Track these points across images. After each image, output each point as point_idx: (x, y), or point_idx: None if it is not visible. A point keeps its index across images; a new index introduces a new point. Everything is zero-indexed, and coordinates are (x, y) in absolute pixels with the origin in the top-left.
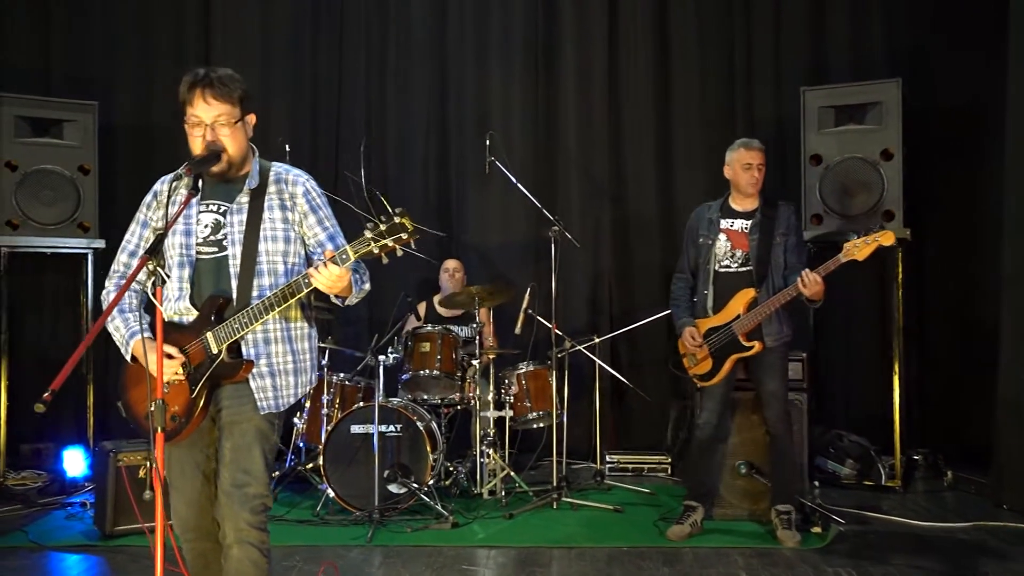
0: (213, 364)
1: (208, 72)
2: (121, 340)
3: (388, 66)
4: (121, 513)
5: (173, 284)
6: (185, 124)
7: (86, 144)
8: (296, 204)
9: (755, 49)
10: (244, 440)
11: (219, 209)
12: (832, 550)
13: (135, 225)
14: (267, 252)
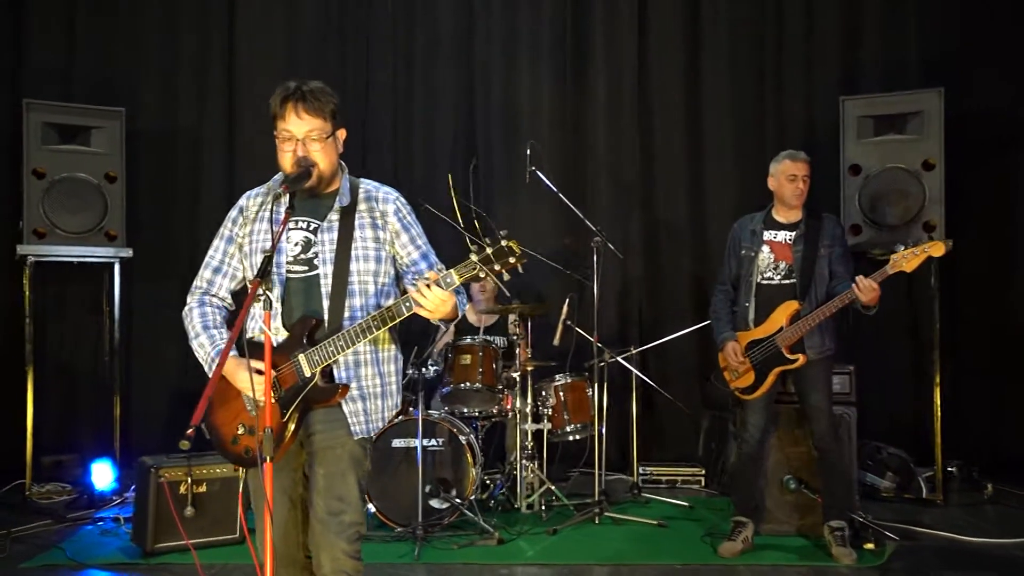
0: (306, 387)
1: (300, 85)
2: (206, 358)
3: (415, 72)
4: (162, 530)
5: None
6: (276, 138)
7: (113, 151)
8: (387, 223)
9: (786, 56)
10: (338, 467)
11: (308, 226)
12: (890, 568)
13: (219, 241)
14: (358, 272)
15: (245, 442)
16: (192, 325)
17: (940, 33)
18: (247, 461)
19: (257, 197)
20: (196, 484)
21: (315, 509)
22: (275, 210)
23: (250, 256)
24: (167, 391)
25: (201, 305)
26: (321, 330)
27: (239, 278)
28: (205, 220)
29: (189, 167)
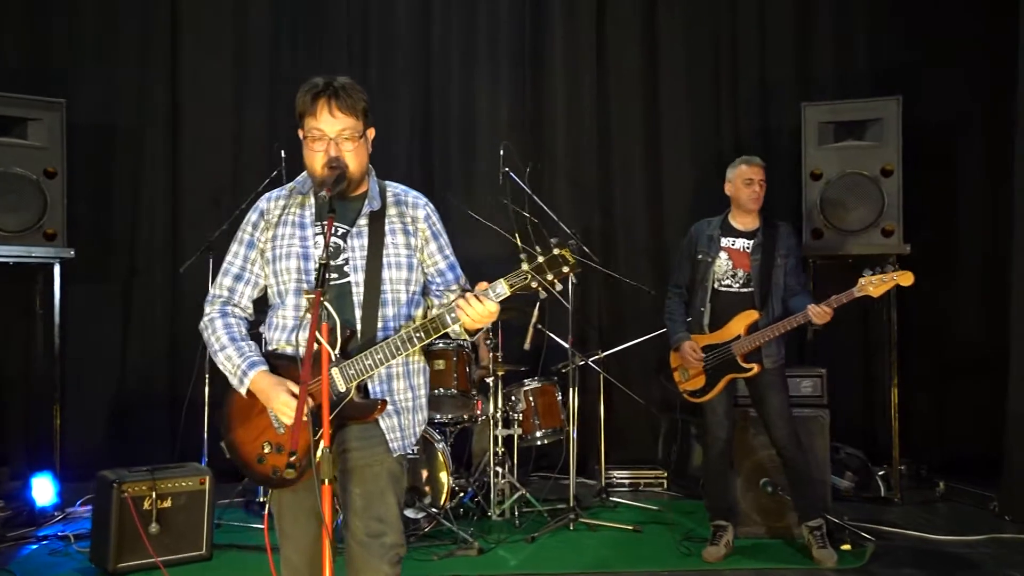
0: (341, 403)
1: (331, 82)
2: (234, 371)
3: (370, 69)
4: (125, 548)
5: (288, 312)
6: (304, 138)
7: (52, 145)
8: (418, 229)
9: (741, 62)
10: (377, 485)
11: (337, 232)
12: (871, 569)
13: (239, 246)
14: (391, 280)
15: (272, 461)
16: (216, 337)
17: (887, 42)
18: (275, 481)
19: (279, 200)
20: (160, 499)
21: (353, 531)
22: (300, 214)
23: (273, 263)
24: (103, 401)
25: (224, 315)
26: (354, 342)
27: (261, 286)
28: (144, 219)
29: (126, 162)
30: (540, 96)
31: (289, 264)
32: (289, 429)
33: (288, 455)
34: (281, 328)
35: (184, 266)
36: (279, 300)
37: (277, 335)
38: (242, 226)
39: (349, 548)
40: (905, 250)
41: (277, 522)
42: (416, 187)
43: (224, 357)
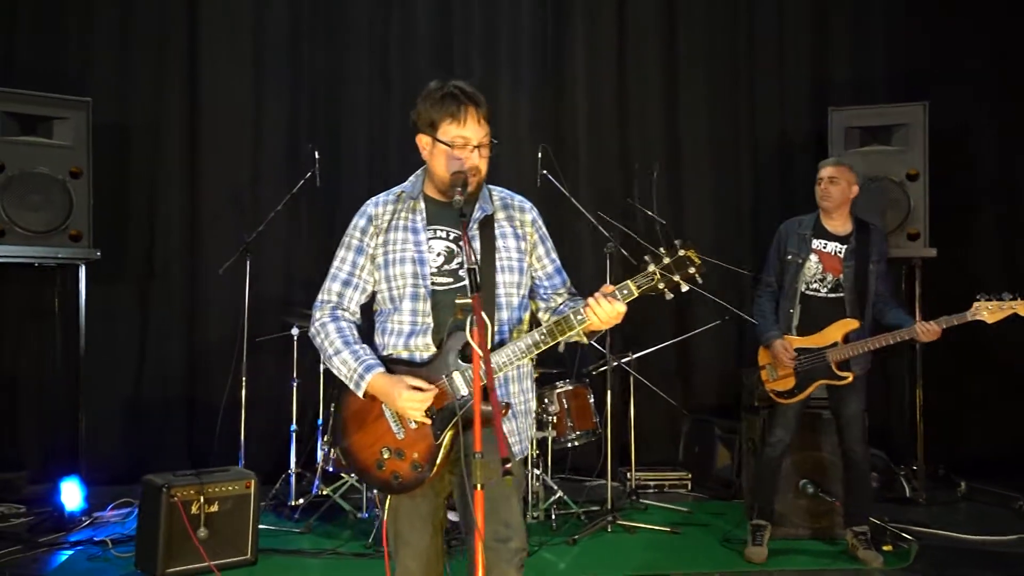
0: (464, 407)
1: (464, 87)
2: (350, 374)
3: (391, 68)
4: (174, 554)
5: (405, 317)
6: (440, 143)
7: (78, 145)
8: (527, 232)
9: (760, 69)
10: (502, 490)
11: (449, 236)
12: (918, 569)
13: (347, 252)
14: (504, 284)
15: (392, 467)
16: (330, 341)
17: (907, 50)
18: (395, 487)
19: (387, 205)
20: (208, 503)
21: (487, 531)
22: (412, 219)
23: (385, 268)
24: (120, 404)
25: (335, 320)
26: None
27: (368, 291)
28: (163, 220)
29: (142, 162)
30: (561, 98)
31: (404, 269)
32: (411, 434)
33: (410, 457)
34: (397, 333)
35: (224, 268)
36: (391, 305)
37: (393, 340)
38: (349, 231)
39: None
40: (931, 253)
41: (392, 527)
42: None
43: (339, 361)
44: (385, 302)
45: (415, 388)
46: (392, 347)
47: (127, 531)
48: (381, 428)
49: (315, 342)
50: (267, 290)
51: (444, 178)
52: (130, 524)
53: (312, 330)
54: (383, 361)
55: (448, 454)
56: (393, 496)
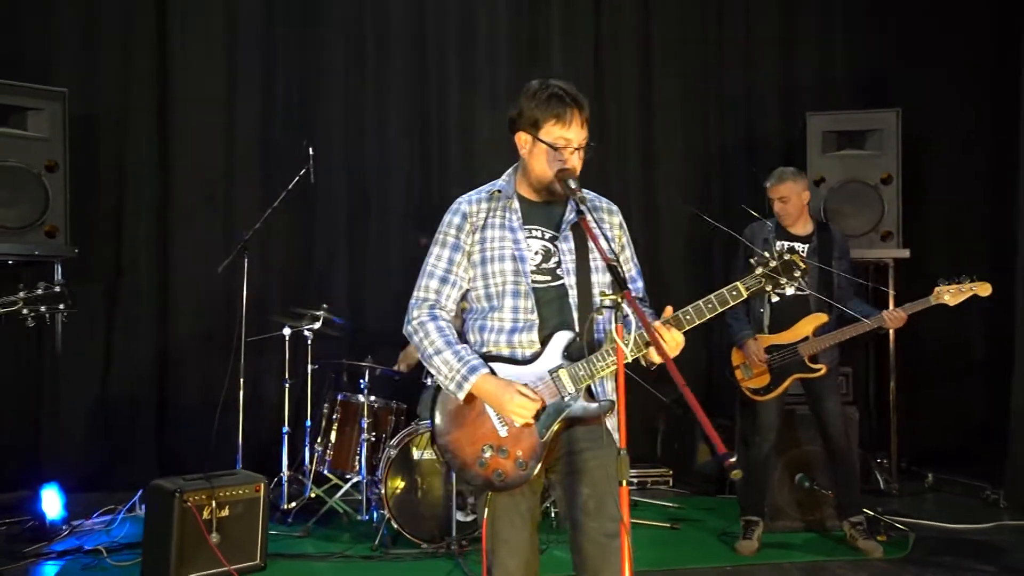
0: (571, 405)
1: (568, 89)
2: (452, 375)
3: (367, 60)
4: (187, 560)
5: (506, 314)
6: (537, 141)
7: (54, 137)
8: (616, 235)
9: (728, 71)
10: (609, 486)
11: (544, 235)
12: (918, 558)
13: (442, 249)
14: (598, 284)
15: (494, 464)
16: (430, 341)
17: (869, 55)
18: (497, 485)
19: (480, 203)
20: (219, 508)
21: (588, 532)
22: (507, 217)
23: (482, 265)
24: (85, 406)
25: (434, 319)
26: (576, 344)
27: (464, 288)
28: (131, 215)
29: (110, 156)
30: None
31: (504, 266)
32: (514, 432)
33: (514, 455)
34: (498, 330)
35: (222, 266)
36: (487, 304)
37: (494, 337)
38: (443, 229)
39: (582, 549)
40: (904, 254)
41: (492, 526)
42: (416, 183)
43: (441, 361)
44: (480, 300)
45: (523, 395)
46: (493, 344)
47: (114, 539)
48: (483, 425)
49: (412, 340)
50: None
51: (542, 177)
52: (117, 532)
53: (409, 328)
54: (484, 357)
55: (554, 451)
56: (494, 494)
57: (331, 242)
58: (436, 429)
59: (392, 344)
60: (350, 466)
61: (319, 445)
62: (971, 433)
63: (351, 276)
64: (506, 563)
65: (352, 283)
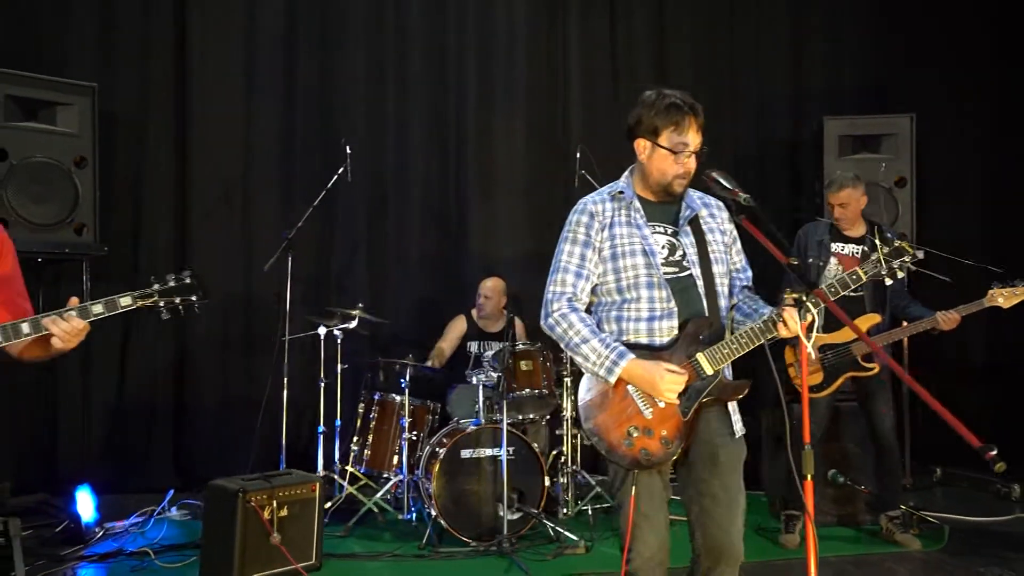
0: (709, 386)
1: (684, 98)
2: (601, 361)
3: (387, 62)
4: (250, 561)
5: (643, 304)
6: (656, 146)
7: (83, 132)
8: (728, 229)
9: (740, 77)
10: (735, 474)
11: (667, 231)
12: (955, 550)
13: (572, 245)
14: (718, 274)
15: (641, 444)
16: (575, 331)
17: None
18: (643, 463)
19: (604, 203)
20: (279, 507)
21: (714, 518)
22: (632, 216)
23: (613, 260)
24: (102, 408)
25: (574, 310)
26: (708, 329)
27: (594, 282)
28: (149, 214)
29: (129, 154)
30: (555, 98)
31: (636, 260)
32: (659, 412)
33: (659, 434)
34: (636, 319)
35: (268, 265)
36: (621, 296)
37: (632, 326)
38: (571, 228)
39: (707, 532)
40: (919, 255)
41: (637, 502)
42: (434, 187)
43: (589, 349)
44: (611, 293)
45: (672, 371)
46: (632, 332)
47: (152, 541)
48: (628, 408)
49: (554, 332)
50: (269, 288)
51: (660, 180)
52: (153, 534)
53: (551, 320)
54: (627, 346)
55: (694, 430)
56: (639, 473)
57: (351, 243)
58: (581, 413)
59: (409, 343)
60: (387, 465)
61: (355, 444)
62: (976, 429)
63: (371, 277)
64: (648, 539)
65: (372, 284)
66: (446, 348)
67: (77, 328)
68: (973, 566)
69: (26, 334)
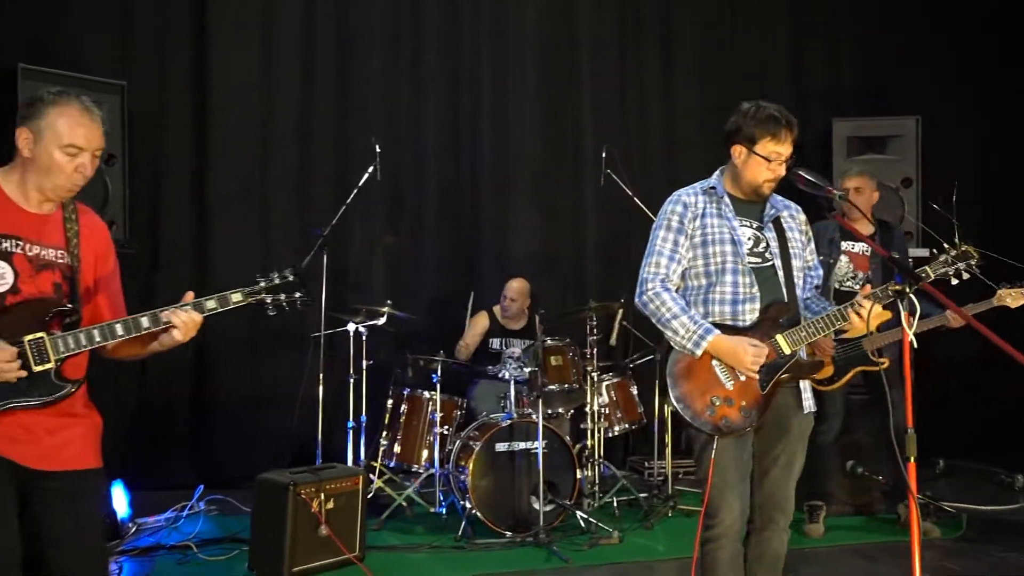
0: (787, 364)
1: (781, 110)
2: (689, 336)
3: (402, 57)
4: (299, 552)
5: (727, 288)
6: (752, 153)
7: (112, 130)
8: (804, 230)
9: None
10: (800, 447)
11: (752, 225)
12: (973, 537)
13: (667, 232)
14: (796, 267)
15: (722, 413)
16: (667, 307)
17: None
18: (724, 430)
19: (697, 196)
20: (327, 500)
21: (777, 482)
22: (722, 209)
23: (703, 247)
24: (121, 404)
25: (667, 290)
26: (787, 314)
27: (684, 266)
28: (168, 210)
29: (146, 150)
30: (566, 99)
31: (724, 248)
32: (739, 386)
33: (739, 404)
34: (721, 302)
35: (304, 262)
36: (708, 280)
37: (718, 308)
38: (666, 216)
39: (770, 494)
40: (924, 253)
41: (721, 472)
42: (448, 188)
43: (679, 324)
44: (699, 277)
45: (755, 346)
46: (718, 314)
47: (187, 535)
48: (711, 380)
49: (647, 308)
50: None
51: (752, 182)
52: (188, 528)
53: (644, 298)
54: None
55: (771, 404)
56: (721, 440)
57: (368, 241)
58: (669, 383)
59: (426, 340)
60: (417, 459)
61: (384, 439)
62: (975, 422)
63: (387, 274)
64: (732, 504)
65: (389, 281)
66: (471, 344)
67: (195, 320)
68: (992, 552)
69: (146, 327)
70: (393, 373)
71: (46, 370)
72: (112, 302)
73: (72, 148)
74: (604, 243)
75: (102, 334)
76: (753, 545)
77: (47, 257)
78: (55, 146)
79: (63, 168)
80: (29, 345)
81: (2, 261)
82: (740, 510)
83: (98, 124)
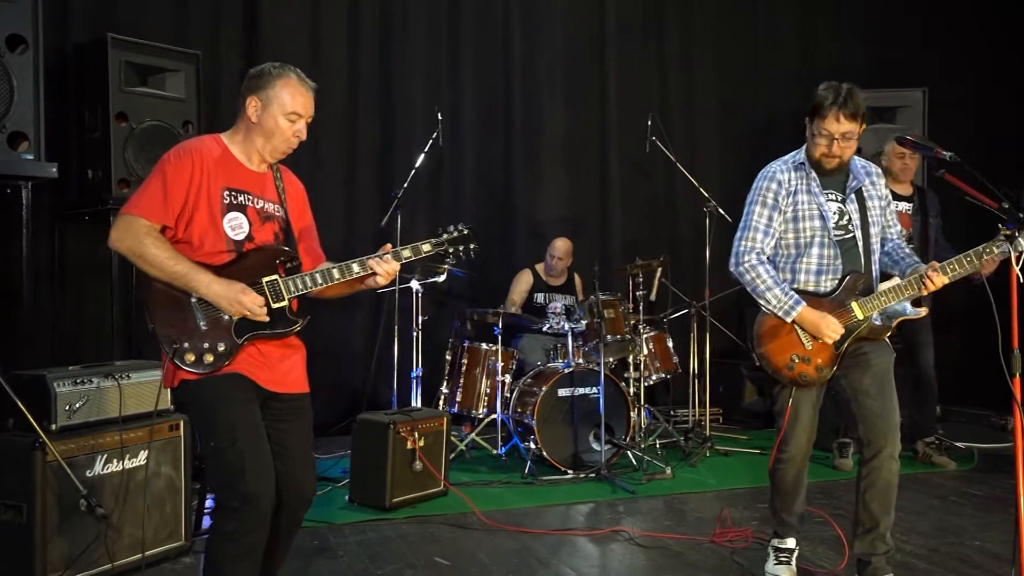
0: (859, 327)
1: (839, 89)
2: (781, 305)
3: (441, 38)
4: (397, 485)
5: (813, 260)
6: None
7: (189, 98)
8: (884, 195)
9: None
10: (887, 376)
11: (837, 198)
12: (984, 469)
13: (762, 207)
14: (875, 236)
15: (800, 368)
16: (762, 279)
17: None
18: (801, 383)
19: (789, 172)
20: (420, 438)
21: (871, 408)
22: (810, 185)
23: (795, 221)
24: None
25: (762, 263)
26: (863, 283)
27: (777, 237)
28: None
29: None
30: (593, 75)
31: (813, 223)
32: (816, 346)
33: (815, 362)
34: (806, 271)
35: (384, 220)
36: (796, 251)
37: (804, 277)
38: (760, 192)
39: (869, 422)
40: None
41: (795, 412)
42: (484, 165)
43: (772, 296)
44: (789, 247)
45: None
46: (804, 282)
47: None
48: (792, 340)
49: (743, 278)
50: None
51: (811, 157)
52: None
53: (741, 268)
54: (798, 291)
55: (842, 361)
56: (797, 390)
57: (411, 206)
58: (755, 341)
59: (467, 298)
60: (477, 405)
61: (445, 387)
62: (960, 367)
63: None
64: (800, 436)
65: None
66: (517, 299)
67: (395, 268)
68: (1004, 480)
69: (356, 272)
70: (452, 327)
71: (281, 307)
72: (310, 248)
73: (294, 115)
74: (629, 207)
75: (323, 277)
76: (865, 475)
77: (269, 210)
78: (280, 113)
79: (284, 132)
80: (268, 286)
81: (239, 212)
82: (806, 439)
83: (312, 95)
